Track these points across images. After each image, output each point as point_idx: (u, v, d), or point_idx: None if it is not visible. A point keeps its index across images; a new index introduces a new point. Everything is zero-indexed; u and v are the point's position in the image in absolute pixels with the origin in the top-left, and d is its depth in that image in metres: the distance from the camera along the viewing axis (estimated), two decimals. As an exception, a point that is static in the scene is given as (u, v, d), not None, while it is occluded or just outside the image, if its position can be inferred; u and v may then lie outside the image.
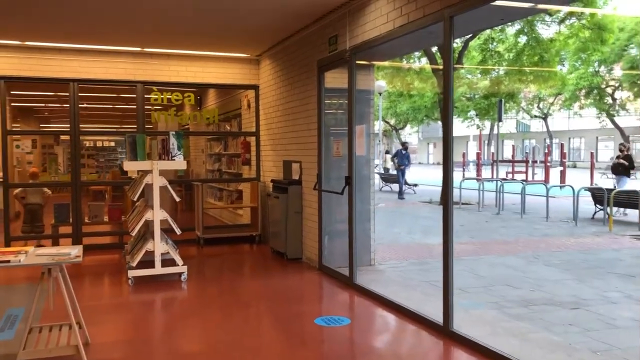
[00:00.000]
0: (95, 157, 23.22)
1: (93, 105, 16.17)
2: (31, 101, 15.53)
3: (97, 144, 24.34)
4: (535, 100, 39.62)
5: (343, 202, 6.44)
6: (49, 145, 23.97)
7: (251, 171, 9.79)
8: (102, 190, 18.37)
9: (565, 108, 38.41)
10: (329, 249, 7.07)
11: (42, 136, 22.68)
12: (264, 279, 6.74)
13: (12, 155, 13.30)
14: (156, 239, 6.36)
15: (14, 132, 8.59)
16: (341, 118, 7.10)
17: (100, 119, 19.93)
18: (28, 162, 21.88)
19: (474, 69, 21.74)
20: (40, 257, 3.77)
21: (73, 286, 6.47)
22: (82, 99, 14.21)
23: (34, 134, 12.03)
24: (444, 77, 4.62)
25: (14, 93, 13.25)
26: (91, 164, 22.78)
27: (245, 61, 9.31)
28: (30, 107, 17.55)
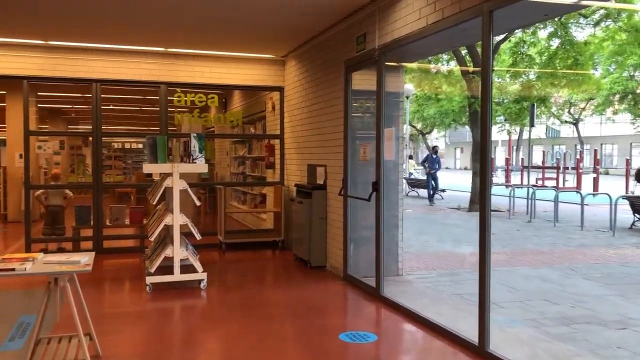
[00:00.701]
0: (123, 159, 23.33)
1: (117, 107, 16.18)
2: (58, 102, 15.58)
3: (125, 146, 24.48)
4: (565, 105, 38.64)
5: (369, 208, 6.12)
6: (77, 147, 24.20)
7: (275, 175, 9.54)
8: (127, 192, 18.40)
9: (598, 113, 37.36)
10: (354, 258, 6.76)
11: (71, 137, 22.92)
12: (286, 288, 6.46)
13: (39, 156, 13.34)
14: (175, 244, 6.14)
15: (36, 132, 8.50)
16: (368, 121, 6.80)
17: (124, 120, 19.98)
18: (56, 162, 22.12)
19: (504, 72, 21.16)
20: (48, 265, 3.55)
21: (89, 292, 6.34)
22: (107, 101, 14.21)
23: (56, 134, 12.02)
24: (483, 78, 4.28)
25: (41, 94, 13.29)
26: (118, 166, 22.90)
27: (271, 62, 9.07)
28: (58, 109, 17.66)
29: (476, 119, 16.65)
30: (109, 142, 27.00)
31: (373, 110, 6.48)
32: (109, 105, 16.75)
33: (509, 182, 21.83)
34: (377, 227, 5.91)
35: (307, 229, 7.37)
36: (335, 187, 6.98)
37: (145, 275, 6.28)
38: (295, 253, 7.93)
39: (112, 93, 12.21)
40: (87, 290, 6.23)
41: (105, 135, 8.56)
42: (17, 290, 6.31)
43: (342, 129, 6.79)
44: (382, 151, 5.84)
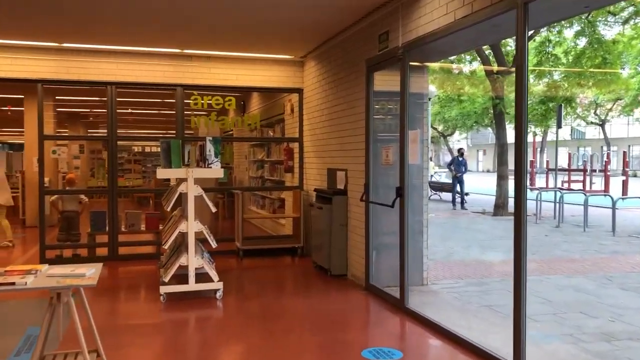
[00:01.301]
0: (142, 163, 23.30)
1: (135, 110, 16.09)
2: (76, 106, 15.54)
3: (145, 149, 24.47)
4: (591, 106, 37.74)
5: (392, 214, 5.81)
6: (97, 151, 24.26)
7: (294, 179, 9.27)
8: (147, 197, 18.31)
9: (625, 114, 36.41)
10: (376, 267, 6.45)
11: (91, 142, 22.95)
12: (305, 298, 6.17)
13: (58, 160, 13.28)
14: (190, 253, 5.89)
15: (51, 137, 8.37)
16: (390, 123, 6.50)
17: (142, 124, 19.92)
18: (75, 167, 22.17)
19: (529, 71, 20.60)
20: (50, 278, 3.32)
21: (101, 302, 6.14)
22: (125, 104, 14.11)
23: (70, 139, 11.91)
24: (518, 75, 3.95)
25: (59, 98, 13.23)
26: (138, 170, 22.87)
27: (289, 63, 8.81)
28: (77, 113, 17.65)
29: (501, 120, 16.21)
30: (129, 146, 27.08)
31: (395, 112, 6.18)
32: (128, 109, 16.71)
33: (534, 185, 21.28)
34: (402, 234, 5.60)
35: (327, 236, 7.08)
36: (357, 192, 6.69)
37: (159, 284, 6.05)
38: (314, 260, 7.64)
39: (128, 96, 12.10)
40: (100, 300, 6.06)
41: (120, 139, 8.37)
42: (29, 298, 6.12)
43: (363, 132, 6.50)
44: (406, 154, 5.53)
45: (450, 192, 19.14)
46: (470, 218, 14.91)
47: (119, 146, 8.17)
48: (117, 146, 8.23)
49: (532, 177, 21.88)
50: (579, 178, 21.90)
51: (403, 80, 5.55)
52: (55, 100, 13.00)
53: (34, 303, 5.92)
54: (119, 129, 8.19)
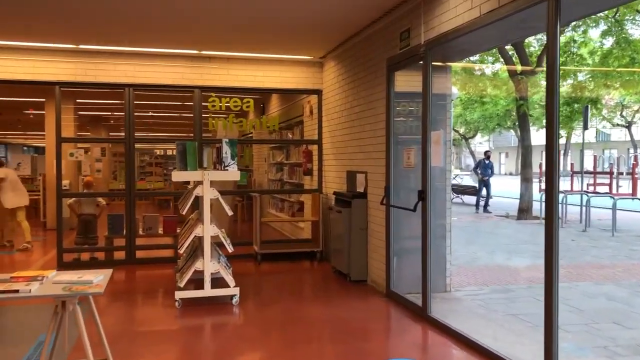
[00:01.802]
0: (164, 165, 23.38)
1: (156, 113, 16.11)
2: (98, 109, 15.60)
3: (167, 152, 24.55)
4: (617, 108, 36.88)
5: (414, 218, 5.60)
6: (120, 154, 24.41)
7: (313, 182, 9.10)
8: (167, 200, 18.33)
9: (653, 115, 35.51)
10: (397, 272, 6.24)
11: (113, 144, 23.08)
12: (324, 305, 5.98)
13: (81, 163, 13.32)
14: (206, 257, 5.75)
15: (69, 139, 8.32)
16: (411, 124, 6.29)
17: (161, 127, 19.96)
18: (97, 170, 22.32)
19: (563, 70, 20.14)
20: (56, 285, 3.19)
21: (115, 307, 6.02)
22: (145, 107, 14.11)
23: (88, 141, 11.91)
24: (549, 74, 3.71)
25: (80, 101, 13.28)
26: (159, 172, 22.95)
27: (308, 64, 8.66)
28: (98, 116, 17.75)
29: (524, 122, 15.84)
30: (150, 149, 27.22)
31: (417, 113, 5.99)
32: (148, 112, 16.74)
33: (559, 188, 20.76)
34: (424, 240, 5.38)
35: (346, 240, 6.89)
36: (377, 195, 6.49)
37: (175, 289, 5.92)
38: (334, 265, 7.45)
39: (147, 99, 12.07)
40: (114, 305, 5.95)
41: (138, 141, 8.29)
42: (45, 303, 6.04)
43: (384, 133, 6.30)
44: (428, 156, 5.31)
45: (473, 195, 18.80)
46: (493, 222, 14.58)
47: (141, 149, 8.11)
48: (134, 148, 8.14)
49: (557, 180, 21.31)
50: (605, 181, 21.31)
51: (425, 79, 5.35)
52: (76, 103, 13.05)
53: (49, 308, 5.82)
54: (139, 131, 8.12)
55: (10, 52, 7.55)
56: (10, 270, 7.75)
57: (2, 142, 30.85)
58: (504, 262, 8.49)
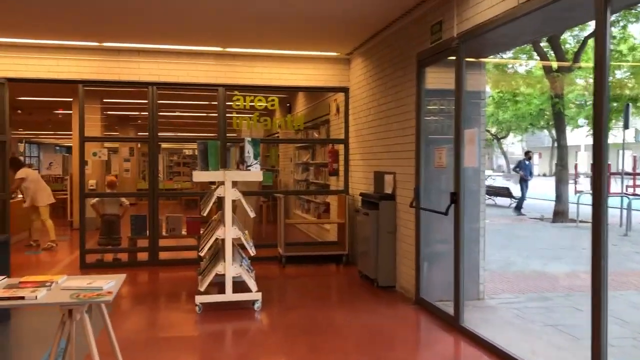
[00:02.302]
0: (192, 165, 23.42)
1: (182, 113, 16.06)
2: (126, 109, 15.64)
3: (196, 152, 24.61)
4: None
5: (445, 221, 5.29)
6: (146, 154, 24.58)
7: (339, 183, 8.84)
8: (195, 200, 18.27)
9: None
10: (427, 279, 5.93)
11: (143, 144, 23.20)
12: (350, 311, 5.70)
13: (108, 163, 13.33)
14: (227, 260, 5.54)
15: (91, 138, 8.24)
16: (442, 124, 5.98)
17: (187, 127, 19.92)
18: (125, 169, 22.45)
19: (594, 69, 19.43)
20: (64, 292, 3.00)
21: (134, 312, 5.89)
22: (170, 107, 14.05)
23: (111, 140, 11.82)
24: (597, 65, 3.37)
25: (107, 101, 13.29)
26: (187, 172, 23.00)
27: (335, 61, 8.39)
28: (126, 116, 17.82)
29: (560, 121, 15.27)
30: (179, 149, 27.30)
31: (448, 111, 5.68)
32: (175, 111, 16.72)
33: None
34: (456, 245, 5.06)
35: (373, 244, 6.60)
36: (406, 197, 6.19)
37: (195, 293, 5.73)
38: (360, 270, 7.17)
39: (173, 98, 11.99)
40: (133, 309, 5.79)
41: (161, 140, 8.15)
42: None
43: (413, 132, 6.00)
44: (461, 156, 5.00)
45: (505, 197, 18.29)
46: (528, 225, 14.07)
47: (170, 149, 7.98)
48: (158, 148, 8.00)
49: (594, 181, 20.57)
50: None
51: (458, 73, 5.03)
52: (103, 103, 13.06)
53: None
54: (167, 131, 7.99)
55: (34, 51, 7.49)
56: (34, 270, 7.70)
57: (35, 141, 31.42)
58: (540, 268, 8.06)
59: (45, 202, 9.37)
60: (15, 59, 7.45)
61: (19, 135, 24.55)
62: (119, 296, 6.24)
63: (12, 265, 7.79)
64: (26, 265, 8.08)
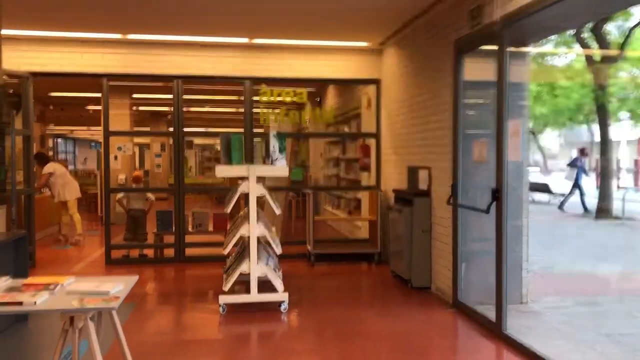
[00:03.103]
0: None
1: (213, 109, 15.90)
2: (155, 104, 15.57)
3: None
4: None
5: (484, 219, 4.91)
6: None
7: (370, 178, 8.48)
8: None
9: None
10: (466, 280, 5.54)
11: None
12: (382, 315, 5.36)
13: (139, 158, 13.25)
14: (252, 259, 5.27)
15: (115, 132, 8.08)
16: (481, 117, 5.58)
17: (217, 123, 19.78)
18: (157, 164, 22.51)
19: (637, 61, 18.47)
20: (69, 296, 2.75)
21: (156, 312, 5.67)
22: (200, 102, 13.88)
23: (135, 135, 11.66)
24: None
25: (136, 96, 13.21)
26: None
27: (367, 52, 8.03)
28: (158, 111, 17.79)
29: (604, 114, 14.54)
30: (212, 144, 27.27)
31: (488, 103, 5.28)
32: (204, 106, 16.59)
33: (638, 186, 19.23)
34: (499, 245, 4.66)
35: (407, 243, 6.24)
36: (442, 193, 5.80)
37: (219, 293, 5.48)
38: (393, 269, 6.81)
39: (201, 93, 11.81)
40: (155, 309, 5.55)
41: (187, 135, 7.94)
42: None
43: (450, 124, 5.61)
44: (504, 150, 4.59)
45: (543, 192, 17.60)
46: (569, 222, 13.44)
47: (202, 145, 7.80)
48: (184, 142, 7.79)
49: (638, 177, 19.75)
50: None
51: (501, 61, 4.62)
52: (132, 98, 12.99)
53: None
54: (197, 126, 7.77)
55: (58, 44, 7.35)
56: (59, 266, 7.61)
57: (71, 137, 31.84)
58: (588, 269, 7.54)
59: (72, 196, 9.28)
60: (39, 52, 7.33)
61: (53, 131, 24.86)
62: (142, 294, 6.04)
63: (38, 261, 7.74)
64: (52, 261, 7.99)
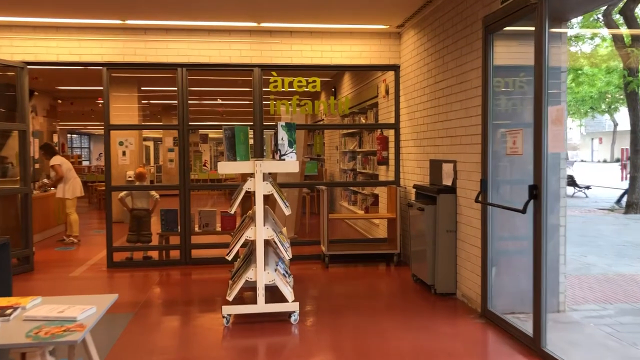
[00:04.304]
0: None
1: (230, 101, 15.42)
2: (164, 97, 15.13)
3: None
4: None
5: (517, 218, 4.36)
6: (194, 143, 24.21)
7: (389, 172, 7.92)
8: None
9: None
10: (496, 286, 4.97)
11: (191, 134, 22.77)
12: (404, 326, 4.81)
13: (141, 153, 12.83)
14: (258, 266, 4.75)
15: (117, 126, 7.60)
16: (514, 104, 4.99)
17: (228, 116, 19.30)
18: (170, 159, 22.12)
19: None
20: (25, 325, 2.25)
21: (154, 321, 5.05)
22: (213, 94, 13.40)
23: (137, 128, 11.12)
24: None
25: (145, 89, 12.78)
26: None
27: (384, 35, 7.45)
28: (169, 104, 17.36)
29: (635, 101, 13.78)
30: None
31: (521, 89, 4.71)
32: (217, 99, 16.10)
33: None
34: (537, 249, 4.08)
35: (430, 244, 5.68)
36: (469, 190, 5.23)
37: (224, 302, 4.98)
38: (414, 273, 6.26)
39: (208, 84, 11.32)
40: (154, 319, 5.03)
41: (192, 128, 7.44)
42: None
43: (479, 112, 5.02)
44: (544, 141, 4.00)
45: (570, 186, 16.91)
46: (597, 216, 12.73)
47: (217, 140, 7.30)
48: (188, 136, 7.29)
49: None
50: None
51: (540, 36, 4.02)
52: (141, 91, 12.55)
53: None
54: (208, 120, 7.27)
55: (54, 32, 6.89)
56: (57, 269, 7.18)
57: (85, 133, 31.68)
58: (627, 271, 6.92)
59: (73, 194, 8.86)
60: (34, 40, 6.87)
61: (66, 126, 24.62)
62: (143, 302, 5.57)
63: (37, 263, 7.33)
64: (51, 263, 7.58)
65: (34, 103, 14.07)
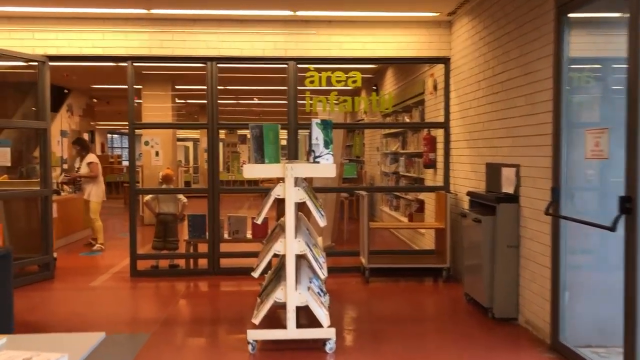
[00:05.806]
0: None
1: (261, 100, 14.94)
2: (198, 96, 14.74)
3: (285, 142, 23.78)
4: None
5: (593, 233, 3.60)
6: (232, 144, 23.89)
7: (436, 177, 7.18)
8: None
9: None
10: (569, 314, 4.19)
11: (228, 135, 22.41)
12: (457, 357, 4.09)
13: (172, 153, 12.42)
14: (289, 285, 4.11)
15: (140, 125, 7.14)
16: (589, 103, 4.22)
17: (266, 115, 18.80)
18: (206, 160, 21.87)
19: None
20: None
21: (172, 344, 4.39)
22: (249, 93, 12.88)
23: (163, 127, 10.62)
24: None
25: (179, 87, 12.40)
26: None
27: (432, 24, 6.72)
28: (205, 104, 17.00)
29: None
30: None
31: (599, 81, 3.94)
32: (254, 98, 15.61)
33: None
34: (628, 272, 3.31)
35: (487, 261, 4.92)
36: (536, 199, 4.46)
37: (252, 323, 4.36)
38: (467, 292, 5.50)
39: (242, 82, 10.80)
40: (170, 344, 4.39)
41: (222, 127, 6.88)
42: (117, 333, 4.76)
43: (548, 109, 4.26)
44: (639, 144, 3.22)
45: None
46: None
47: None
48: (218, 135, 6.73)
49: None
50: None
51: (635, 17, 3.24)
52: (175, 90, 12.15)
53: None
54: (244, 120, 6.72)
55: (76, 23, 6.44)
56: (78, 277, 6.74)
57: (119, 132, 31.75)
58: None
59: (97, 198, 8.39)
60: (56, 33, 6.44)
61: (104, 126, 24.70)
62: (163, 319, 5.01)
63: (59, 270, 6.90)
64: (73, 270, 7.16)
65: (70, 102, 13.89)
